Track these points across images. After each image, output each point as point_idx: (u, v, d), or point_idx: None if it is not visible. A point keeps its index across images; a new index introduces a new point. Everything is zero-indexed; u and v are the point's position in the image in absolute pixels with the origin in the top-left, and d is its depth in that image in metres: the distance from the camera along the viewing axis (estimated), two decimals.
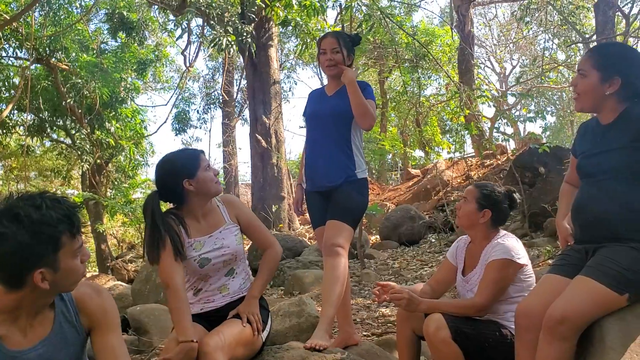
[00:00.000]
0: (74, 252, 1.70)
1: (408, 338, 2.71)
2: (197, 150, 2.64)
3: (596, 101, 2.27)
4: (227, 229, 2.61)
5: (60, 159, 14.89)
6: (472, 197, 2.74)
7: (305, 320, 3.75)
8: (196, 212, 2.59)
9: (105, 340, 1.85)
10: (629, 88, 2.20)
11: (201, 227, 2.59)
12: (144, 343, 4.56)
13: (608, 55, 2.25)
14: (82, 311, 1.85)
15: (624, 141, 2.17)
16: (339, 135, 3.24)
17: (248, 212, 2.74)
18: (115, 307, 1.92)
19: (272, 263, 2.70)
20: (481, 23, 23.79)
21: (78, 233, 1.71)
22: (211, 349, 2.20)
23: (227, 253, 2.56)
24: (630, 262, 2.06)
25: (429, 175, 12.65)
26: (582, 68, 2.28)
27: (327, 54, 3.29)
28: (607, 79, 2.20)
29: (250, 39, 10.69)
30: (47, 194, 1.71)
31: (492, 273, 2.55)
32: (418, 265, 7.02)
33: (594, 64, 2.23)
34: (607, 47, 2.26)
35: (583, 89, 2.27)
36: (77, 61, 12.15)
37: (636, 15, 10.46)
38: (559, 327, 2.03)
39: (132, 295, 6.21)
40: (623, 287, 2.04)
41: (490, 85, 18.00)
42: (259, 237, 2.73)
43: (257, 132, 11.91)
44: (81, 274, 1.75)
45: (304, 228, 12.25)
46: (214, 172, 2.59)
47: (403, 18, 15.36)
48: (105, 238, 13.31)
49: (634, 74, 2.20)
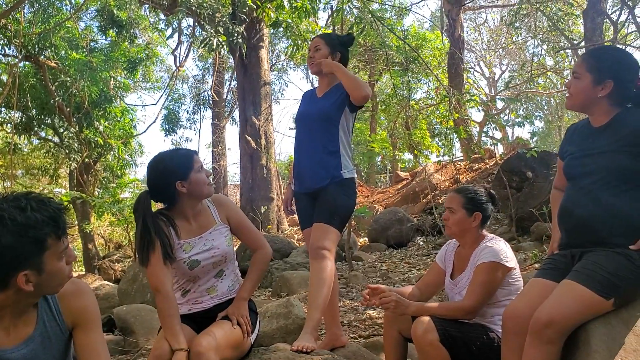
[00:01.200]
0: (60, 254, 1.68)
1: (395, 340, 2.72)
2: (191, 151, 2.61)
3: (587, 102, 2.29)
4: (217, 229, 2.59)
5: (48, 157, 14.77)
6: (459, 205, 2.74)
7: (293, 322, 3.75)
8: (187, 213, 2.57)
9: (86, 338, 1.84)
10: (621, 92, 2.23)
11: (191, 228, 2.57)
12: (129, 343, 4.54)
13: (603, 59, 2.27)
14: (65, 309, 1.83)
15: (614, 146, 2.19)
16: (326, 136, 3.24)
17: (239, 212, 2.72)
18: (97, 305, 1.91)
19: (262, 265, 2.67)
20: (471, 28, 23.92)
21: (64, 235, 1.70)
22: (204, 349, 2.19)
23: (217, 254, 2.54)
24: (616, 267, 2.08)
25: (418, 178, 12.70)
26: (576, 70, 2.31)
27: (311, 53, 3.37)
28: (600, 81, 2.22)
29: (241, 40, 10.68)
30: (33, 195, 1.69)
31: (481, 276, 2.57)
32: (406, 267, 7.04)
33: (588, 67, 2.26)
34: (603, 50, 2.28)
35: (575, 90, 2.30)
36: (66, 59, 12.07)
37: (624, 23, 10.56)
38: (546, 331, 2.04)
39: (119, 295, 6.18)
40: (609, 291, 2.06)
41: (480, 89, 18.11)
42: (249, 238, 2.70)
43: (247, 133, 11.89)
44: (67, 275, 1.74)
45: (292, 229, 12.24)
46: (207, 173, 2.56)
47: (394, 21, 15.43)
48: (93, 237, 13.21)
49: (627, 79, 2.22)
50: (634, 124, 2.17)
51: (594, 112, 2.31)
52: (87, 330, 1.84)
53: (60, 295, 1.82)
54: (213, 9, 10.10)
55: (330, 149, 3.23)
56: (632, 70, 2.24)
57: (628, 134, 2.17)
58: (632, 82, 2.23)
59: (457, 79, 14.05)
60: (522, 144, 9.96)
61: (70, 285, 1.83)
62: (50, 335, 1.80)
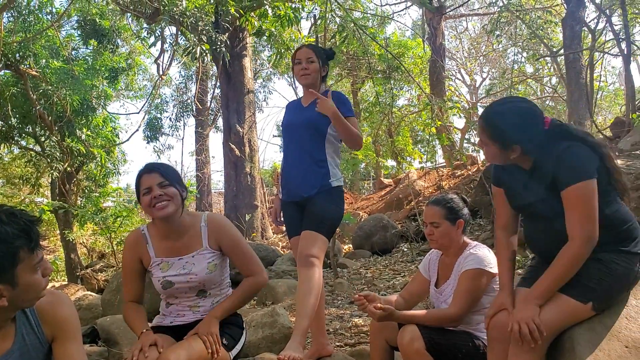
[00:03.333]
0: (33, 267, 1.66)
1: (381, 348, 2.73)
2: (141, 173, 2.49)
3: (506, 161, 2.33)
4: (201, 254, 2.52)
5: (30, 166, 14.57)
6: (441, 217, 2.75)
7: (278, 331, 3.75)
8: (163, 230, 2.53)
9: (65, 349, 1.82)
10: (530, 147, 2.25)
11: (173, 247, 2.53)
12: (113, 355, 4.50)
13: (500, 128, 2.26)
14: (43, 321, 1.81)
15: (543, 193, 2.24)
16: (313, 145, 3.26)
17: (234, 237, 2.60)
18: (76, 316, 1.89)
19: (247, 290, 2.59)
20: (452, 36, 24.12)
21: (37, 247, 1.67)
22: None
23: (194, 280, 2.50)
24: (592, 272, 2.13)
25: (401, 184, 12.76)
26: (481, 139, 2.33)
27: (302, 63, 3.32)
28: (507, 148, 2.26)
29: (224, 48, 10.69)
30: (4, 208, 1.67)
31: (466, 283, 2.59)
32: (390, 274, 7.07)
33: (490, 137, 2.28)
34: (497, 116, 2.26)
35: (488, 154, 2.34)
36: (48, 68, 11.96)
37: (602, 31, 10.76)
38: (528, 340, 2.07)
39: (102, 305, 6.12)
40: (586, 296, 2.11)
41: (461, 97, 18.28)
42: (241, 264, 2.61)
43: (231, 140, 11.88)
44: (42, 288, 1.72)
45: (277, 237, 12.23)
46: (153, 195, 2.41)
47: (376, 30, 15.53)
48: (75, 247, 13.05)
49: (530, 136, 2.24)
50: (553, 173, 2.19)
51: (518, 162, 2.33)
52: (66, 341, 1.82)
53: (38, 307, 1.80)
54: (196, 18, 10.09)
55: (318, 158, 3.24)
56: (533, 123, 2.25)
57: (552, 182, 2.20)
58: (539, 132, 2.24)
59: (439, 86, 14.18)
60: None
61: (48, 297, 1.82)
62: (29, 348, 1.78)
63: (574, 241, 2.11)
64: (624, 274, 2.15)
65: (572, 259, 2.11)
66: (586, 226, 2.10)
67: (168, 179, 2.45)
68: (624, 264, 2.15)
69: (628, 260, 2.16)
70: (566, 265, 2.12)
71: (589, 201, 2.11)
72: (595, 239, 2.11)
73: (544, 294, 2.13)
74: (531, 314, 2.08)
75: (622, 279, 2.16)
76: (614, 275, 2.13)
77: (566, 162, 2.15)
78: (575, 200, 2.12)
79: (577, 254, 2.10)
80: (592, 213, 2.11)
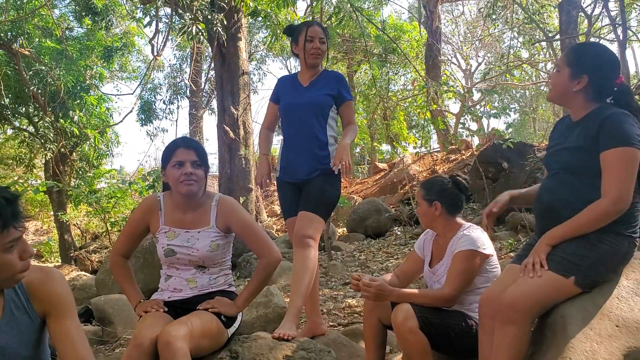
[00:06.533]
0: (5, 246, 1.63)
1: (374, 327, 2.76)
2: (178, 144, 2.55)
3: (565, 96, 2.36)
4: (207, 232, 2.56)
5: (23, 147, 14.50)
6: (419, 197, 2.83)
7: (273, 310, 3.78)
8: (177, 202, 2.59)
9: (60, 325, 1.81)
10: (597, 88, 2.28)
11: (183, 220, 2.58)
12: (108, 334, 4.53)
13: (582, 54, 2.33)
14: (33, 297, 1.80)
15: (582, 142, 2.25)
16: (315, 127, 3.26)
17: (243, 219, 2.61)
18: (70, 292, 1.87)
19: (262, 274, 2.61)
20: (448, 20, 24.01)
21: (9, 226, 1.63)
22: (172, 337, 2.18)
23: (195, 255, 2.55)
24: (576, 248, 2.17)
25: (396, 169, 12.78)
26: (558, 63, 2.38)
27: (316, 42, 3.29)
28: (576, 76, 2.29)
29: (220, 28, 10.60)
30: None
31: (459, 264, 2.62)
32: (384, 257, 7.11)
33: (567, 61, 2.32)
34: (585, 46, 2.35)
35: (555, 82, 2.37)
36: (41, 47, 11.85)
37: (598, 16, 10.73)
38: (508, 312, 2.12)
39: (96, 285, 6.14)
40: (567, 270, 2.14)
41: (456, 81, 18.24)
42: (252, 245, 2.63)
43: (225, 123, 11.83)
44: (17, 269, 1.68)
45: (271, 220, 12.25)
46: (184, 171, 2.47)
47: (372, 12, 15.44)
48: (69, 228, 13.05)
49: (603, 75, 2.28)
50: (600, 122, 2.21)
51: (572, 105, 2.37)
52: (60, 317, 1.81)
53: (27, 284, 1.79)
54: None
55: (321, 140, 3.25)
56: (610, 67, 2.29)
57: (593, 132, 2.21)
58: (609, 79, 2.28)
59: (435, 70, 14.13)
60: (497, 136, 10.08)
61: (38, 273, 1.81)
62: (18, 323, 1.77)
63: (605, 198, 2.15)
64: (609, 252, 2.18)
65: (598, 214, 2.15)
66: (622, 187, 2.13)
67: (201, 160, 2.53)
68: (609, 242, 2.17)
69: (615, 240, 2.19)
70: (590, 218, 2.16)
71: (629, 167, 2.14)
72: (628, 203, 2.14)
73: (560, 236, 2.21)
74: (540, 250, 2.20)
75: (607, 257, 2.18)
76: (598, 253, 2.16)
77: (615, 125, 2.17)
78: (616, 162, 2.14)
79: (604, 211, 2.14)
80: (630, 178, 2.15)
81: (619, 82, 2.28)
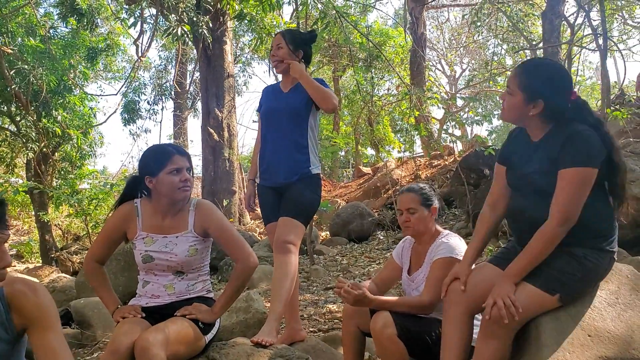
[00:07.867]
0: None
1: (353, 334, 2.77)
2: (172, 152, 2.55)
3: (521, 118, 2.32)
4: (185, 237, 2.56)
5: (4, 146, 14.32)
6: (417, 204, 2.83)
7: (253, 316, 3.78)
8: (159, 208, 2.58)
9: (43, 339, 1.78)
10: (554, 109, 2.25)
11: (160, 225, 2.58)
12: (87, 337, 4.50)
13: (534, 77, 2.27)
14: (14, 309, 1.78)
15: (546, 167, 2.23)
16: (294, 131, 3.28)
17: (220, 222, 2.62)
18: (54, 305, 1.84)
19: (239, 280, 2.62)
20: (433, 26, 24.22)
21: None
22: (149, 344, 2.17)
23: (173, 260, 2.54)
24: (562, 265, 2.17)
25: (379, 173, 12.83)
26: (509, 85, 2.32)
27: (273, 50, 3.40)
28: (530, 100, 2.25)
29: (205, 30, 10.57)
30: None
31: (438, 271, 2.64)
32: (366, 262, 7.13)
33: (519, 84, 2.27)
34: (536, 68, 2.28)
35: (509, 105, 2.32)
36: (24, 46, 11.73)
37: (580, 25, 10.88)
38: (492, 327, 2.13)
39: (76, 287, 6.08)
40: (554, 288, 2.15)
41: (440, 87, 18.37)
42: (228, 250, 2.63)
43: (210, 125, 11.80)
44: None
45: (254, 223, 12.23)
46: (183, 178, 2.50)
47: (358, 18, 15.50)
48: (50, 228, 12.90)
49: (559, 96, 2.24)
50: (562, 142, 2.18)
51: (528, 126, 2.35)
52: (43, 330, 1.78)
53: (9, 295, 1.77)
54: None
55: (299, 145, 3.27)
56: (564, 87, 2.26)
57: (555, 153, 2.20)
58: (565, 98, 2.25)
59: (419, 76, 14.23)
60: (480, 142, 10.17)
61: (21, 285, 1.79)
62: None
63: (552, 220, 2.13)
64: (593, 269, 2.20)
65: (547, 238, 2.14)
66: (568, 208, 2.12)
67: (191, 167, 2.60)
68: (594, 260, 2.19)
69: (599, 257, 2.20)
70: (541, 244, 2.15)
71: (581, 187, 2.13)
72: (573, 222, 2.13)
73: (520, 272, 2.18)
74: (507, 290, 2.13)
75: (590, 274, 2.20)
76: (584, 270, 2.18)
77: (575, 144, 2.15)
78: (569, 181, 2.13)
79: (552, 234, 2.13)
80: (579, 200, 2.13)
81: (574, 98, 2.26)
